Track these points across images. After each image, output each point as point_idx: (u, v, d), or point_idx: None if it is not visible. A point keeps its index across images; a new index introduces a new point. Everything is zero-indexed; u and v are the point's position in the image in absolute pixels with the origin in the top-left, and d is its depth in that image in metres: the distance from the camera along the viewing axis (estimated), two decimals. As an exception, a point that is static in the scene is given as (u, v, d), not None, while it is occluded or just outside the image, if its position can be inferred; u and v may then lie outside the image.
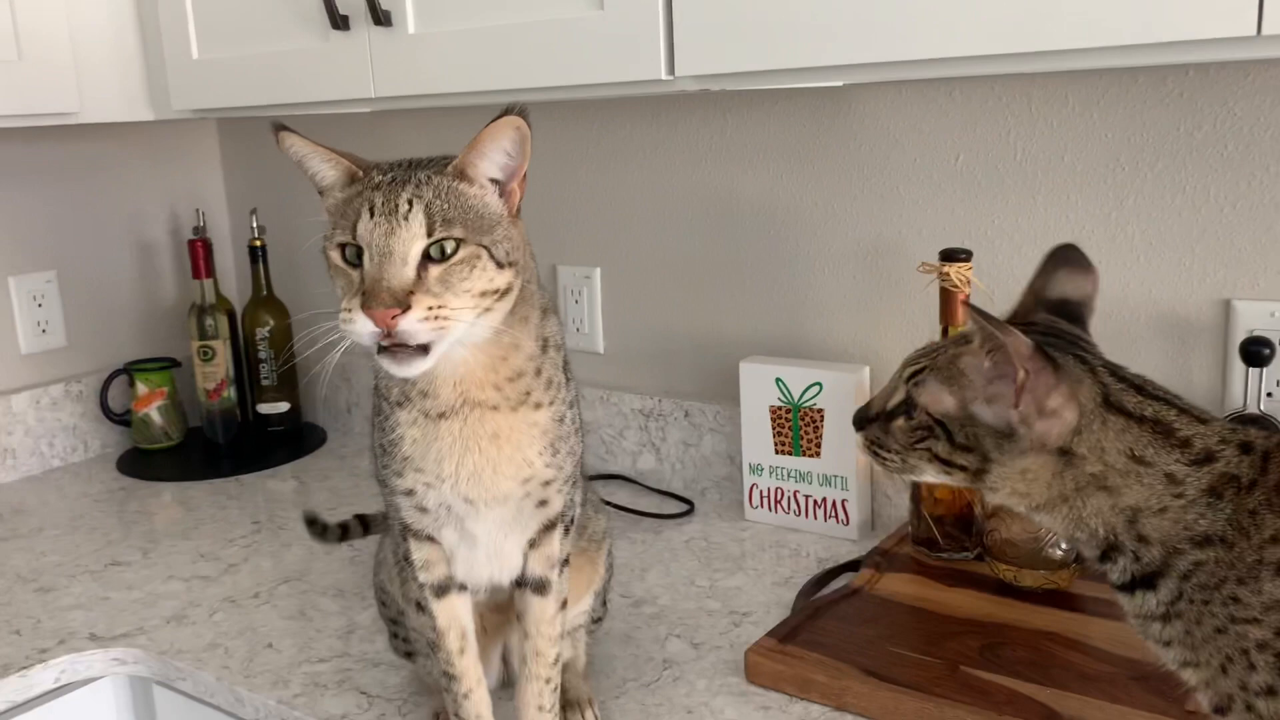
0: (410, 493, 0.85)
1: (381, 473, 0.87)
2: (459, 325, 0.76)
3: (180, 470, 1.78)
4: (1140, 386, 0.70)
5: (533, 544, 0.90)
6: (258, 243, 1.86)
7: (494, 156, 0.78)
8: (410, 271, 0.75)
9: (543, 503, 0.87)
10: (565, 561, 0.93)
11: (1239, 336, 1.13)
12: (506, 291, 0.79)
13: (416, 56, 1.24)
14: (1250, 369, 1.10)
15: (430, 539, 0.88)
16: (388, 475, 0.86)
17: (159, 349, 1.96)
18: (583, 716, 0.98)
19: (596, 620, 1.10)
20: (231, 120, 2.00)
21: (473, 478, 0.83)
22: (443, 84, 1.22)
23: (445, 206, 0.76)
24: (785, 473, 1.42)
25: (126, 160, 1.91)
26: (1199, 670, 0.67)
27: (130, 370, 1.85)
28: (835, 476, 1.38)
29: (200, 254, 1.81)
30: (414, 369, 0.76)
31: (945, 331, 1.23)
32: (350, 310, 0.75)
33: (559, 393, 0.86)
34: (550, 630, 0.92)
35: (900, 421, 0.73)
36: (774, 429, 1.42)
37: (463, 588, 0.91)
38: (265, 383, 1.90)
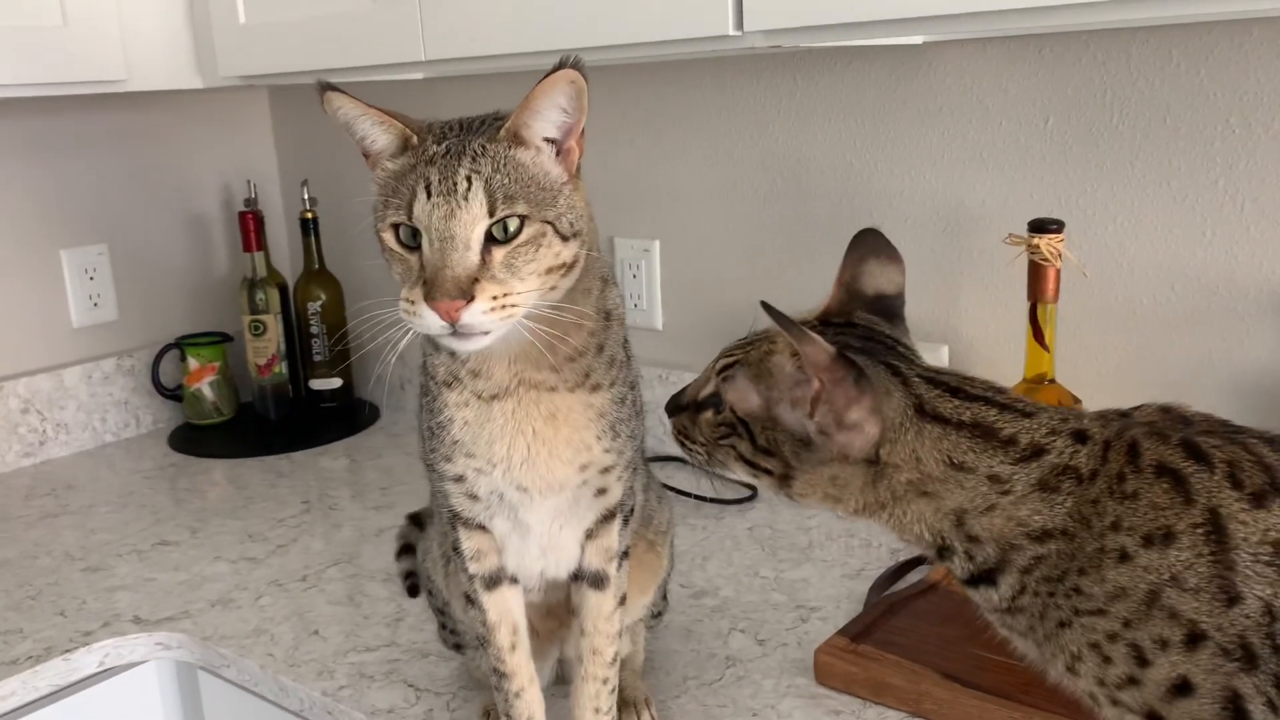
0: (460, 479, 0.79)
1: (429, 457, 0.81)
2: (525, 309, 0.70)
3: (231, 447, 1.75)
4: (958, 389, 0.67)
5: (590, 535, 0.84)
6: (309, 215, 1.81)
7: (549, 114, 0.71)
8: (474, 257, 0.68)
9: (601, 491, 0.81)
10: (625, 554, 0.87)
11: (1363, 315, 1.03)
12: (573, 265, 0.72)
13: (469, 16, 1.17)
14: (1378, 351, 1.00)
15: (481, 528, 0.82)
16: (436, 460, 0.80)
17: (211, 323, 1.93)
18: (639, 717, 0.92)
19: (657, 615, 1.04)
20: (283, 89, 1.95)
21: (527, 463, 0.77)
22: (497, 45, 1.16)
23: (506, 181, 0.69)
24: (855, 458, 1.34)
25: (177, 131, 1.88)
26: (1052, 666, 0.64)
27: (182, 345, 1.82)
28: (909, 462, 1.30)
29: (251, 226, 1.77)
30: (476, 345, 0.70)
31: (1034, 309, 1.14)
32: (413, 302, 0.69)
33: (620, 372, 0.80)
34: (608, 627, 0.86)
35: (709, 414, 0.70)
36: (843, 411, 1.34)
37: (514, 580, 0.85)
38: (317, 358, 1.86)
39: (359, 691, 1.03)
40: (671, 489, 1.45)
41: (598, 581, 0.85)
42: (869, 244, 0.75)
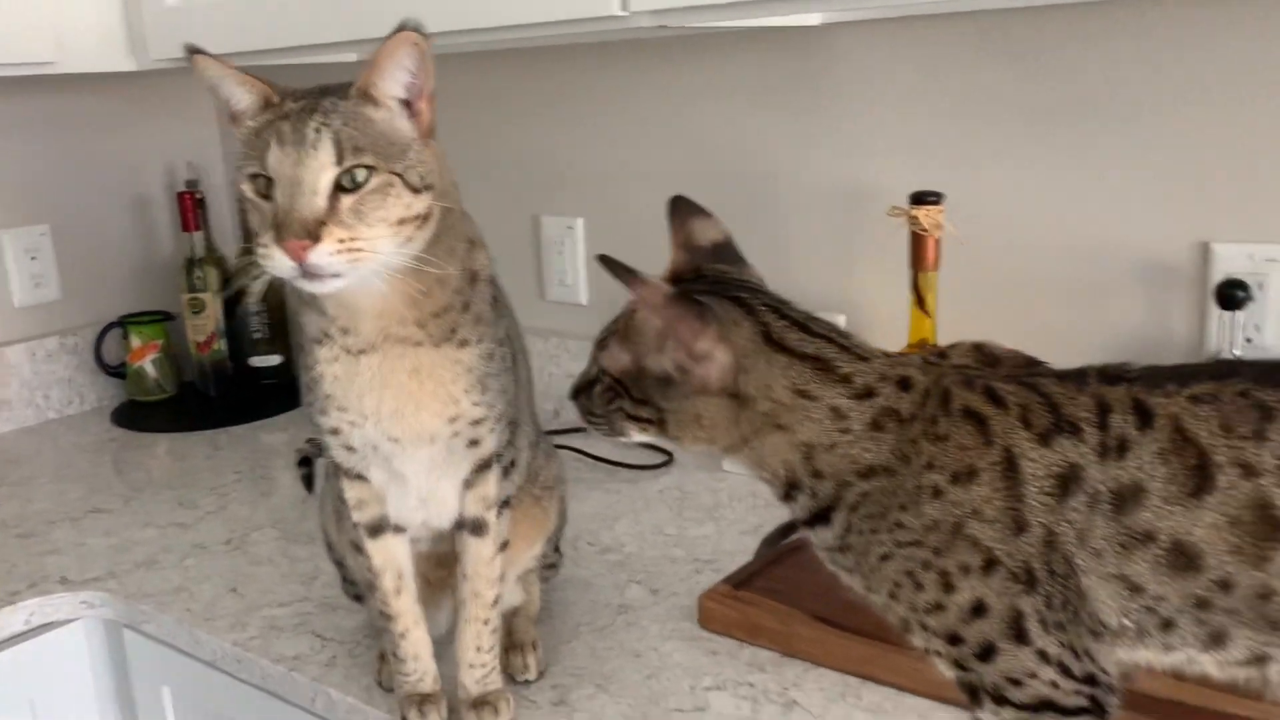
0: (336, 432, 0.84)
1: (311, 413, 0.87)
2: (376, 256, 0.75)
3: (173, 422, 1.80)
4: (804, 325, 0.71)
5: (468, 485, 0.89)
6: (248, 195, 1.85)
7: (395, 75, 0.76)
8: (321, 202, 0.73)
9: (474, 442, 0.86)
10: (505, 504, 0.92)
11: (1217, 280, 1.09)
12: (426, 218, 0.77)
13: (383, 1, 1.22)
14: (1225, 313, 1.06)
15: (361, 478, 0.87)
16: (314, 414, 0.85)
17: (154, 302, 1.97)
18: (524, 659, 0.98)
19: (550, 566, 1.10)
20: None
21: (395, 415, 0.82)
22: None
23: (354, 134, 0.74)
24: (761, 423, 1.40)
25: (121, 113, 1.91)
26: (876, 596, 0.70)
27: (124, 323, 1.86)
28: (810, 426, 1.36)
29: (189, 207, 1.82)
30: (327, 288, 0.75)
31: (916, 277, 1.20)
32: (266, 245, 0.74)
33: (487, 329, 0.85)
34: (488, 572, 0.91)
35: (598, 387, 0.75)
36: (750, 379, 1.40)
37: (399, 529, 0.91)
38: (256, 336, 1.90)
39: (268, 642, 1.08)
40: (590, 456, 1.52)
41: (477, 528, 0.90)
42: (685, 208, 0.80)
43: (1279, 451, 0.59)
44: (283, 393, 1.88)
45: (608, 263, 0.70)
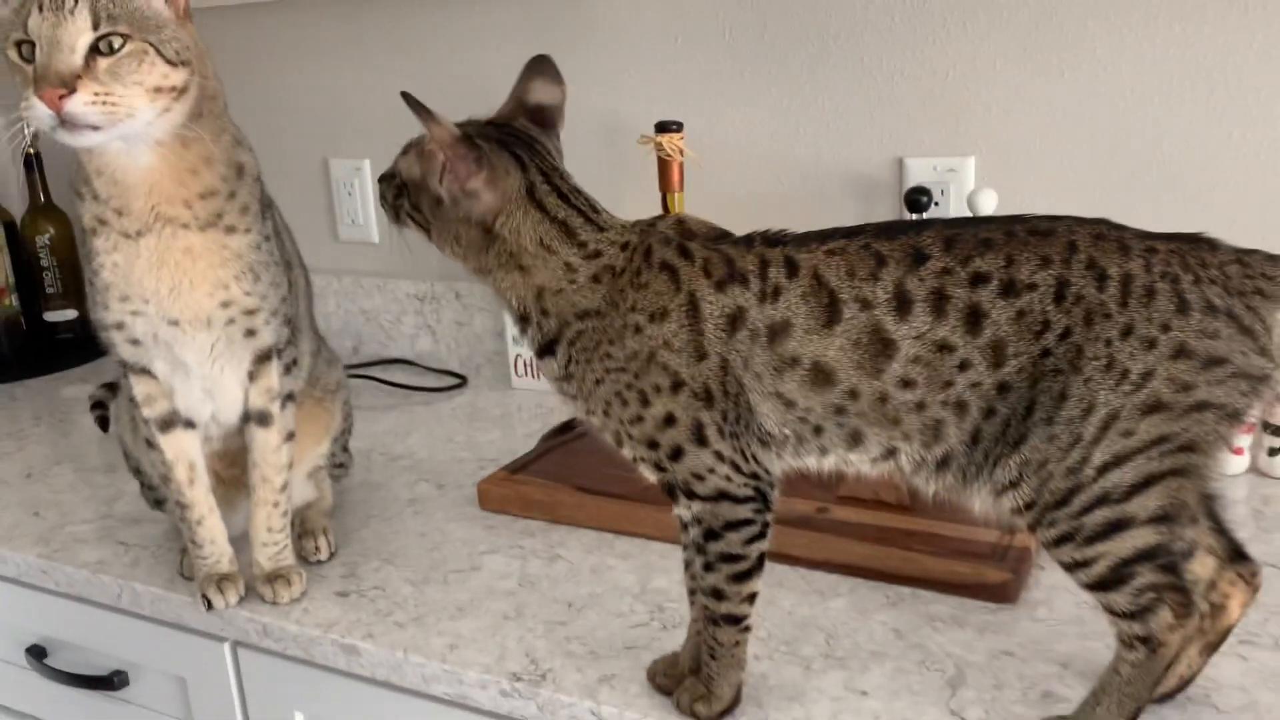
0: (120, 326, 0.93)
1: (94, 315, 0.94)
2: (134, 116, 0.84)
3: (-35, 379, 1.79)
4: (565, 195, 0.85)
5: (251, 378, 0.99)
6: (31, 151, 1.85)
7: None
8: (77, 59, 0.82)
9: (250, 332, 0.96)
10: (290, 397, 1.02)
11: (907, 188, 1.29)
12: (184, 91, 0.86)
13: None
14: (913, 215, 1.26)
15: (147, 373, 0.96)
16: (96, 311, 0.93)
17: (-63, 262, 1.94)
18: (316, 543, 1.08)
19: (339, 466, 1.20)
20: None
21: (172, 294, 0.91)
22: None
23: (110, 5, 0.83)
24: (542, 341, 1.54)
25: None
26: (594, 417, 0.84)
27: (-95, 283, 1.83)
28: (585, 340, 1.50)
29: (-32, 161, 1.80)
30: (86, 140, 0.84)
31: (664, 198, 1.35)
32: (28, 99, 0.82)
33: (255, 221, 0.94)
34: (276, 459, 1.01)
35: (393, 182, 0.87)
36: (530, 301, 1.53)
37: (189, 424, 0.99)
38: (50, 291, 1.91)
39: (72, 552, 1.15)
40: (387, 383, 1.62)
41: (263, 419, 1.00)
42: (539, 67, 0.91)
43: (888, 289, 0.76)
44: (78, 346, 1.90)
45: (408, 99, 0.80)
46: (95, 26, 0.82)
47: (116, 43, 0.83)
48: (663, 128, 1.32)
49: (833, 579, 1.00)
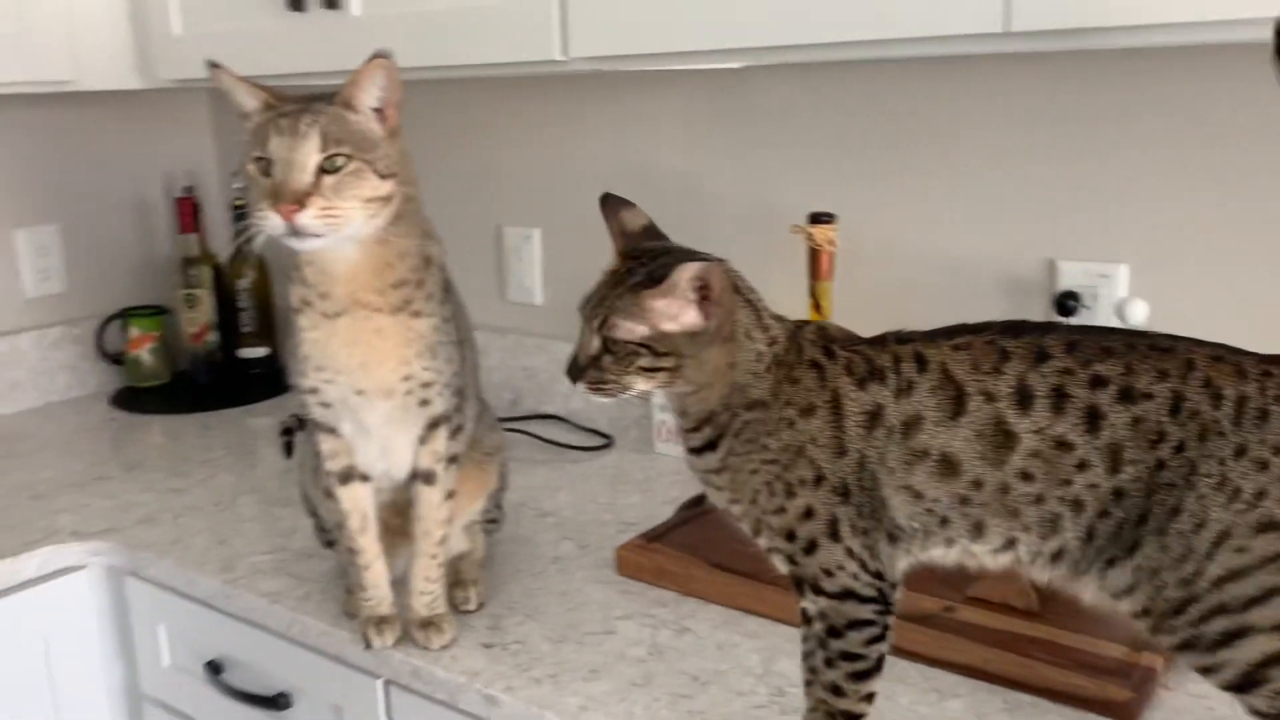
0: (314, 390, 1.04)
1: (294, 379, 1.06)
2: (349, 223, 0.96)
3: (167, 406, 1.98)
4: (745, 284, 0.88)
5: (421, 440, 1.09)
6: (239, 203, 2.05)
7: (370, 90, 0.97)
8: (308, 178, 0.94)
9: (425, 402, 1.06)
10: (453, 459, 1.12)
11: (1058, 291, 1.30)
12: (389, 199, 0.98)
13: (359, 37, 1.42)
14: (1062, 318, 1.27)
15: (333, 432, 1.07)
16: (296, 377, 1.05)
17: (152, 297, 2.16)
18: (467, 592, 1.17)
19: (492, 521, 1.29)
20: (218, 90, 2.19)
21: (361, 368, 1.02)
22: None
23: (336, 129, 0.95)
24: (688, 411, 1.60)
25: (127, 126, 2.11)
26: (738, 505, 0.88)
27: (125, 315, 2.05)
28: (729, 414, 1.56)
29: (186, 211, 2.01)
30: (310, 245, 0.96)
31: (812, 286, 1.40)
32: (264, 210, 0.95)
33: (437, 306, 1.05)
34: (437, 515, 1.11)
35: (609, 359, 0.85)
36: (679, 372, 1.60)
37: (364, 478, 1.10)
38: (246, 329, 2.10)
39: (252, 581, 1.27)
40: (540, 439, 1.72)
41: (429, 478, 1.10)
42: (614, 202, 0.97)
43: (1011, 383, 0.79)
44: (268, 382, 2.07)
45: (694, 257, 0.83)
46: (324, 148, 0.94)
47: (340, 162, 0.94)
48: (816, 218, 1.38)
49: (952, 679, 1.02)
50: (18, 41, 1.61)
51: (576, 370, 0.88)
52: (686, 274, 0.81)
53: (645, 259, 0.88)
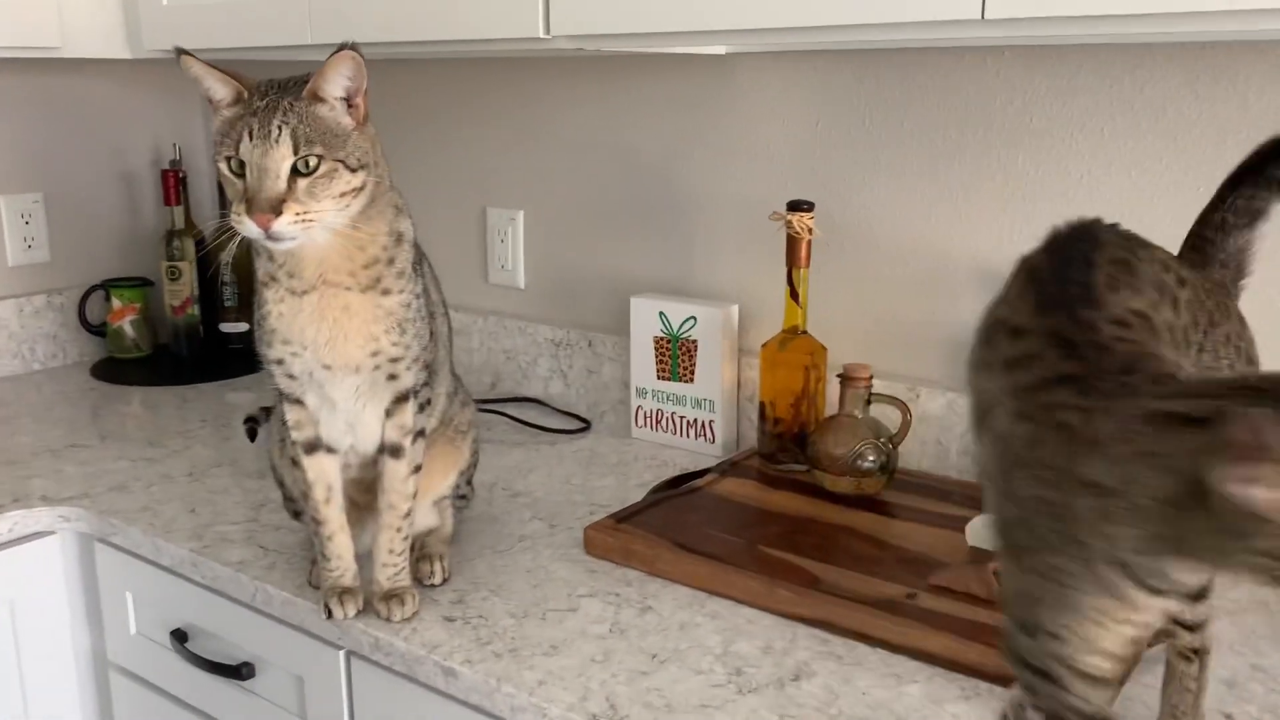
0: (279, 361, 1.04)
1: (259, 349, 1.06)
2: (324, 221, 0.96)
3: (147, 378, 1.98)
4: None
5: (389, 414, 1.09)
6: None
7: (337, 81, 0.97)
8: (282, 184, 0.94)
9: (392, 376, 1.06)
10: (420, 433, 1.12)
11: (1034, 285, 1.30)
12: (361, 189, 0.98)
13: (348, 11, 1.42)
14: (1035, 311, 1.27)
15: (299, 402, 1.07)
16: (262, 348, 1.05)
17: (135, 269, 2.16)
18: (432, 566, 1.17)
19: (461, 497, 1.29)
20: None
21: (328, 344, 1.02)
22: (364, 35, 1.40)
23: (307, 130, 0.94)
24: (664, 396, 1.61)
25: (114, 96, 2.10)
26: None
27: (107, 286, 2.05)
28: (705, 400, 1.57)
29: (171, 183, 2.01)
30: (285, 246, 0.97)
31: (790, 273, 1.40)
32: (240, 215, 0.95)
33: (408, 283, 1.05)
34: (403, 488, 1.11)
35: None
36: (656, 357, 1.60)
37: (330, 450, 1.10)
38: (228, 304, 2.09)
39: (219, 550, 1.27)
40: (519, 420, 1.72)
41: (395, 452, 1.10)
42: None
43: None
44: (248, 357, 2.07)
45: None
46: (296, 151, 0.94)
47: (313, 162, 0.95)
48: (794, 206, 1.38)
49: (912, 665, 1.02)
50: (4, 5, 1.60)
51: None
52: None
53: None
